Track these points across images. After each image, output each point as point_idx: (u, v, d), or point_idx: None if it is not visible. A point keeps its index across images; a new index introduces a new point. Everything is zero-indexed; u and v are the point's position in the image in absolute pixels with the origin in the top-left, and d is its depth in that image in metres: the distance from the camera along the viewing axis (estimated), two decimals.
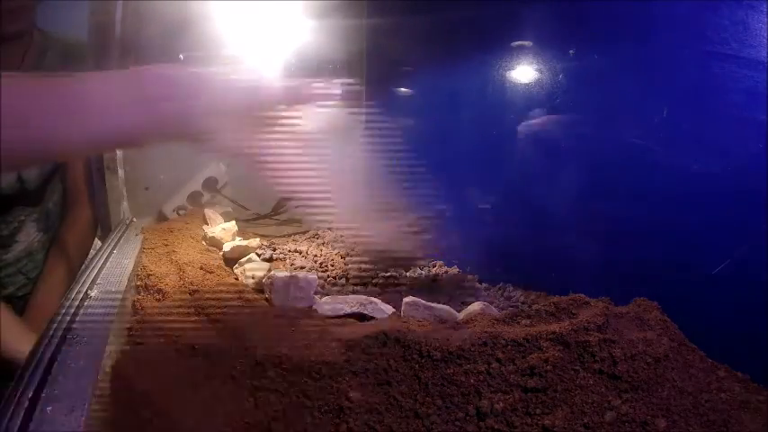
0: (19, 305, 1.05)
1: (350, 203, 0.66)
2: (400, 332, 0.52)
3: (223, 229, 0.97)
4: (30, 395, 0.42)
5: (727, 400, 0.48)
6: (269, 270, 0.76)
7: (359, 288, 0.83)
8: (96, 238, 1.12)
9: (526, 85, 0.79)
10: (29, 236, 1.07)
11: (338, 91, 0.64)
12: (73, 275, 0.98)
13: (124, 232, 0.92)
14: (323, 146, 0.63)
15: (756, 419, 0.46)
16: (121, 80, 0.54)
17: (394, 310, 0.71)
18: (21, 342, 0.87)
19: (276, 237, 1.07)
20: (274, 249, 0.98)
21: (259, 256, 0.89)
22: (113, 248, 0.81)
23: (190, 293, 0.68)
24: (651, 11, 0.62)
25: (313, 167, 0.61)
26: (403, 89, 1.17)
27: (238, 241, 0.82)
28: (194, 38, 1.10)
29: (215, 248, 0.92)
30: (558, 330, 0.49)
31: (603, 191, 0.69)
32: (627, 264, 0.67)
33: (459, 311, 0.69)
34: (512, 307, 0.75)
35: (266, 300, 0.72)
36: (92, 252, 1.05)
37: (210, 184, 1.18)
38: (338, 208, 0.64)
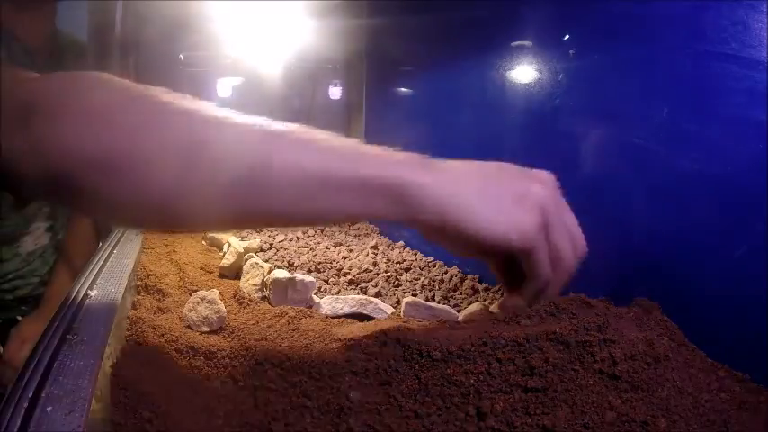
0: (33, 304, 1.06)
1: None
2: (400, 332, 0.52)
3: None
4: (30, 395, 0.42)
5: (727, 400, 0.48)
6: (269, 271, 0.76)
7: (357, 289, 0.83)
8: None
9: (526, 85, 0.79)
10: (39, 236, 1.07)
11: None
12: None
13: (124, 232, 0.92)
14: None
15: (756, 419, 0.46)
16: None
17: (394, 309, 0.71)
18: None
19: (276, 236, 1.07)
20: (275, 249, 0.98)
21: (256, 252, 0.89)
22: (113, 248, 0.81)
23: (190, 293, 0.68)
24: (651, 11, 0.62)
25: None
26: (403, 89, 1.17)
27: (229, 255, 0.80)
28: (194, 38, 1.10)
29: (215, 248, 0.92)
30: (558, 330, 0.49)
31: (603, 191, 0.69)
32: (627, 264, 0.67)
33: (458, 311, 0.70)
34: None
35: (266, 300, 0.72)
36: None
37: None
38: None
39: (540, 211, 0.48)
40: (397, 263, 0.95)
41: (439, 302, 0.77)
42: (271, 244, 1.01)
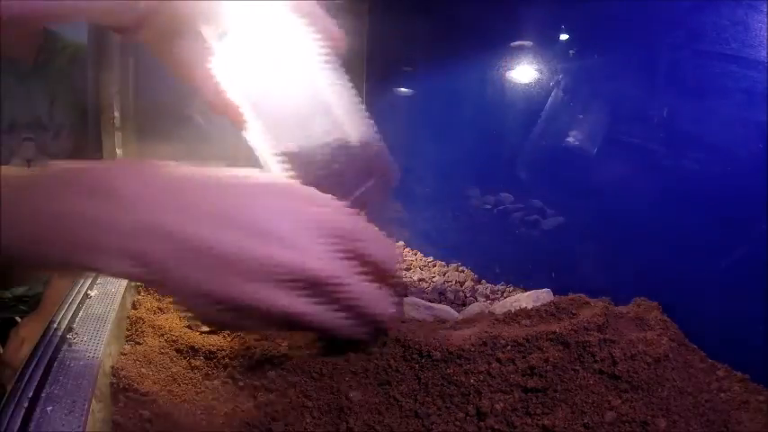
0: (31, 303, 1.06)
1: None
2: (400, 332, 0.52)
3: None
4: (30, 395, 0.42)
5: (727, 400, 0.48)
6: None
7: None
8: None
9: (526, 85, 0.79)
10: None
11: None
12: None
13: None
14: None
15: (756, 419, 0.46)
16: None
17: (394, 309, 0.71)
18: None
19: None
20: None
21: None
22: None
23: None
24: (651, 10, 0.62)
25: None
26: (403, 89, 1.17)
27: None
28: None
29: None
30: (558, 330, 0.49)
31: (603, 191, 0.69)
32: (627, 264, 0.67)
33: (458, 311, 0.70)
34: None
35: None
36: None
37: None
38: None
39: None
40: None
41: (439, 303, 0.76)
42: None
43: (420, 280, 0.88)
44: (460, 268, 0.92)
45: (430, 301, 0.71)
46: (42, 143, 1.06)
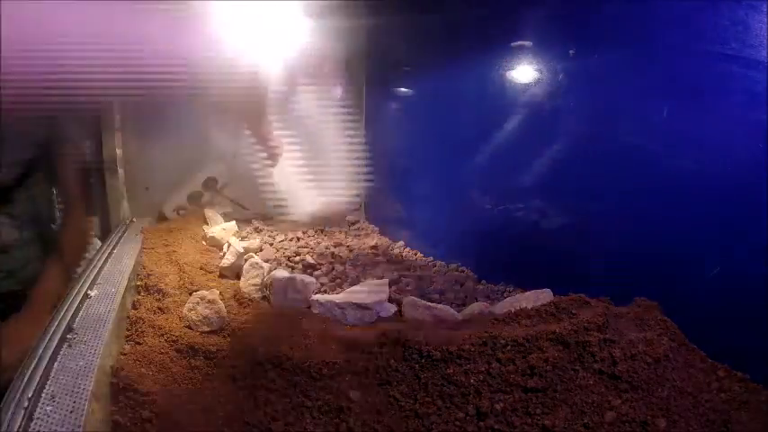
0: (5, 303, 1.05)
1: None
2: (400, 332, 0.52)
3: (223, 229, 0.97)
4: (30, 395, 0.42)
5: (727, 400, 0.48)
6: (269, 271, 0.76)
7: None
8: (96, 238, 1.12)
9: (526, 85, 0.79)
10: (8, 228, 1.06)
11: None
12: (69, 275, 0.97)
13: (124, 232, 0.92)
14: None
15: (756, 419, 0.46)
16: None
17: (396, 309, 0.71)
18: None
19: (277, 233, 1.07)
20: (275, 249, 0.98)
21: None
22: (113, 248, 0.81)
23: (190, 293, 0.68)
24: (651, 11, 0.62)
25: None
26: (403, 89, 1.17)
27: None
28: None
29: (215, 248, 0.92)
30: (558, 330, 0.49)
31: (603, 191, 0.69)
32: (627, 264, 0.67)
33: (459, 311, 0.70)
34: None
35: (266, 300, 0.72)
36: (92, 252, 1.05)
37: (210, 184, 1.18)
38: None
39: None
40: (396, 263, 0.95)
41: (439, 302, 0.76)
42: (271, 244, 1.01)
43: (420, 280, 0.88)
44: (460, 268, 0.92)
45: (430, 301, 0.71)
46: None
